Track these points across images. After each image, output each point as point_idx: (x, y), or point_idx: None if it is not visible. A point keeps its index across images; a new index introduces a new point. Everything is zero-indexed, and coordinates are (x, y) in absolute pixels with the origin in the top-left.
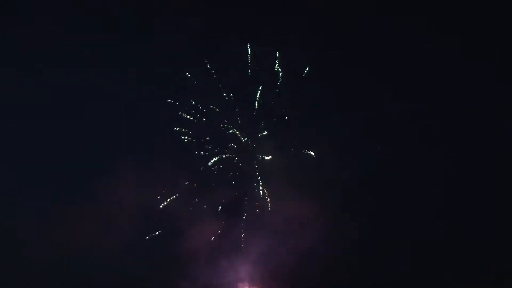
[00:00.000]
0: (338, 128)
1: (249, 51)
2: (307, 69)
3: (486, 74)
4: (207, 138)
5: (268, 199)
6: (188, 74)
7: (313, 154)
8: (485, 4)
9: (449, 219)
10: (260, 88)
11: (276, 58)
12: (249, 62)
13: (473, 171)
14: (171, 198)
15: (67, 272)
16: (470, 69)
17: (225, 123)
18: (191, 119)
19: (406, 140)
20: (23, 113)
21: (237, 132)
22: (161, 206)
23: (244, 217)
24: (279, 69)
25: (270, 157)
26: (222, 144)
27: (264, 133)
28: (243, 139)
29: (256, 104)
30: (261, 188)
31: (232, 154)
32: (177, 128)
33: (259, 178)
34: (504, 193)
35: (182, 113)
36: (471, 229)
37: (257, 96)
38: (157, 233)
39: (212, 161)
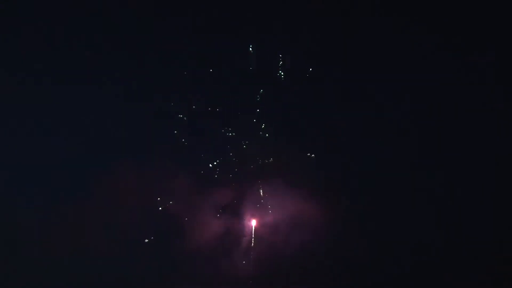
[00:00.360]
0: (338, 128)
1: (250, 50)
2: (309, 69)
3: (486, 74)
4: (207, 140)
5: (268, 200)
6: (188, 75)
7: (313, 155)
8: (486, 4)
9: (449, 219)
10: (261, 90)
11: (277, 58)
12: (250, 63)
13: (473, 171)
14: (171, 199)
15: (67, 272)
16: (470, 69)
17: (225, 124)
18: (191, 121)
19: (406, 140)
20: (23, 113)
21: (236, 135)
22: (160, 208)
23: (243, 218)
24: (280, 70)
25: (271, 159)
26: (222, 146)
27: (266, 135)
28: (244, 142)
29: (258, 108)
30: (261, 189)
31: (232, 157)
32: (177, 131)
33: (259, 180)
34: (504, 193)
35: (182, 115)
36: (471, 229)
37: (257, 98)
38: (149, 239)
39: (212, 163)
